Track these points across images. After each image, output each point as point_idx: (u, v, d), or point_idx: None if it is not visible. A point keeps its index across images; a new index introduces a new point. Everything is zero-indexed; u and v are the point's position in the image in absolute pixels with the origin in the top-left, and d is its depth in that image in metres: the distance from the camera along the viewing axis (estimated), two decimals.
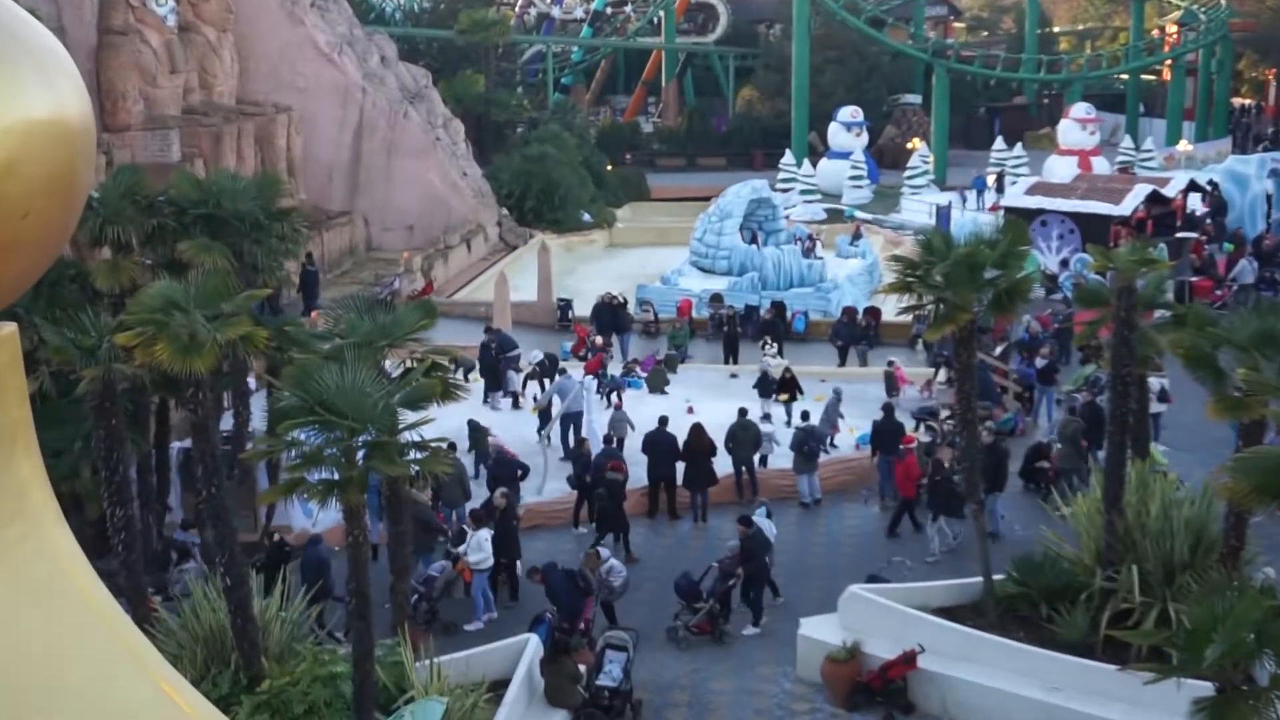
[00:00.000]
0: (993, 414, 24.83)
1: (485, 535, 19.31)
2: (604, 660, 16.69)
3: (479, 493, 22.12)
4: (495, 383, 28.49)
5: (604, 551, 18.91)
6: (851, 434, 26.31)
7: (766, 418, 26.08)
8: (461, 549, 19.39)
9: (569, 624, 17.46)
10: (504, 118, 64.11)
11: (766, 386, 28.27)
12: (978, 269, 16.47)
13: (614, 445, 24.14)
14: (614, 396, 27.44)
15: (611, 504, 21.77)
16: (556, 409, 26.30)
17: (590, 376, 28.18)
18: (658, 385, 29.80)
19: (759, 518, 19.77)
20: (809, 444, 23.91)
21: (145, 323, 13.91)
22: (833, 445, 25.86)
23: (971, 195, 56.16)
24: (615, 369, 30.61)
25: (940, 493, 21.29)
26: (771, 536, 19.60)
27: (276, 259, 21.75)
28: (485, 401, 28.32)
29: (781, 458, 25.07)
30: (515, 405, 28.22)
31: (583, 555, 18.77)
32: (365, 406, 13.15)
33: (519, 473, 22.40)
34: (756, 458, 24.67)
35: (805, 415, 24.72)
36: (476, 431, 24.07)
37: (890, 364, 29.64)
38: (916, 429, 26.13)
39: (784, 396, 27.60)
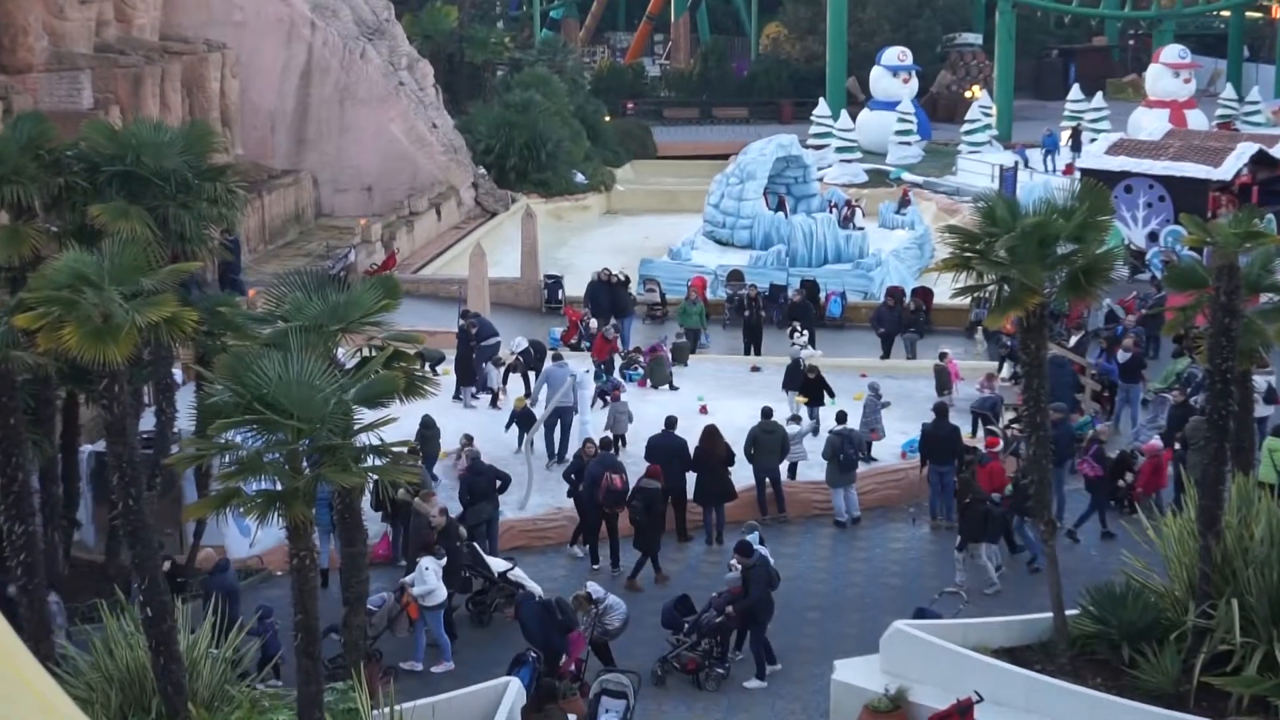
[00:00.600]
0: (1069, 418, 24.81)
1: (430, 563, 19.21)
2: (599, 709, 16.69)
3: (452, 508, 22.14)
4: (469, 376, 28.50)
5: (596, 590, 18.92)
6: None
7: (796, 419, 26.08)
8: (409, 579, 19.34)
9: (548, 666, 17.50)
10: (481, 59, 64.08)
11: (796, 380, 28.28)
12: (1049, 243, 16.44)
13: (611, 449, 24.10)
14: (608, 398, 27.47)
15: (650, 520, 21.85)
16: (543, 404, 26.33)
17: (588, 371, 28.08)
18: (661, 378, 29.77)
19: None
20: (846, 451, 23.92)
21: (50, 302, 13.90)
22: (871, 456, 25.85)
23: (1039, 155, 56.13)
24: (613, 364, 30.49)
25: (972, 516, 21.24)
26: None
27: (208, 226, 21.74)
28: (457, 398, 28.34)
29: (814, 468, 25.09)
30: (495, 404, 28.21)
31: (572, 597, 18.79)
32: (314, 403, 13.14)
33: (497, 484, 22.41)
34: (784, 467, 24.69)
35: (842, 417, 24.70)
36: (429, 429, 24.00)
37: (942, 356, 29.64)
38: (974, 432, 26.12)
39: (803, 399, 27.46)
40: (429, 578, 19.02)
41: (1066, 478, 24.31)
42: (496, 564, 20.41)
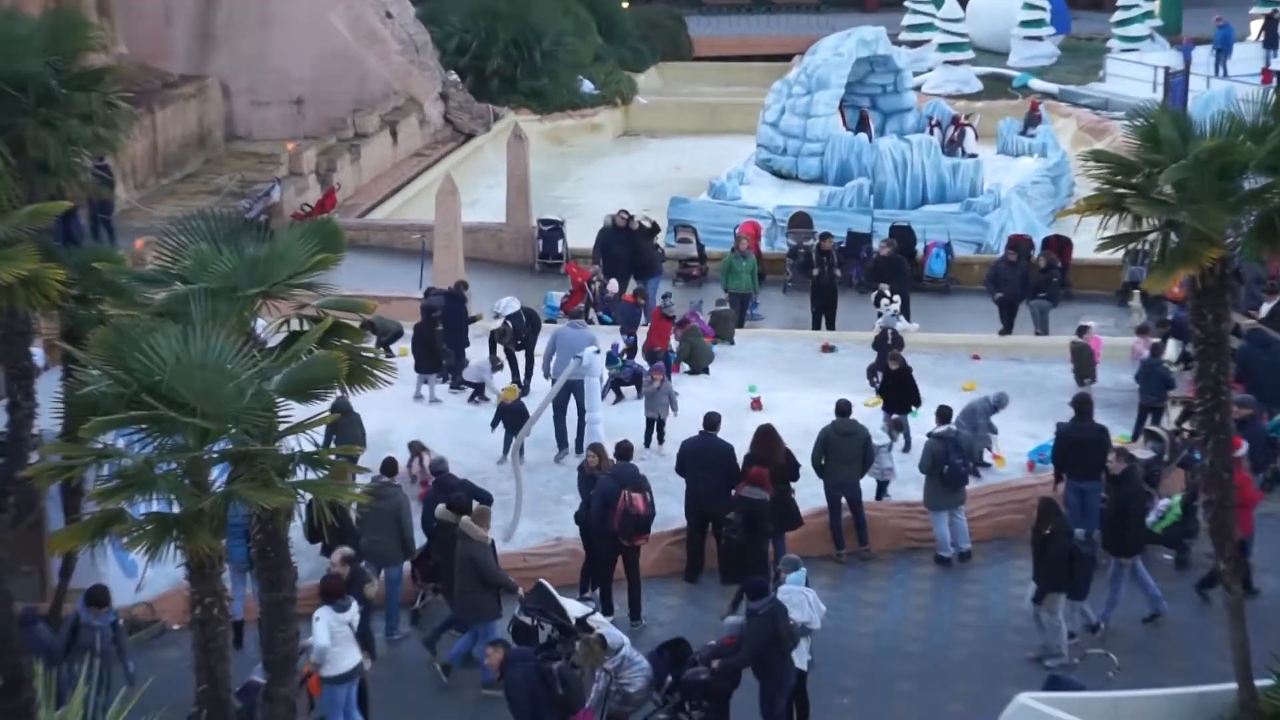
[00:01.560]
0: (1261, 416, 24.68)
1: (326, 615, 19.00)
2: None
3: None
4: (433, 360, 28.50)
5: (613, 636, 18.94)
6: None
7: (898, 425, 25.89)
8: (310, 639, 19.08)
9: None
10: None
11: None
12: (1233, 175, 16.37)
13: (631, 456, 24.01)
14: (621, 390, 27.57)
15: (752, 541, 22.08)
16: (550, 380, 26.53)
17: (598, 351, 27.91)
18: (700, 360, 29.66)
19: (790, 584, 19.70)
20: (951, 462, 23.81)
21: None
22: (984, 463, 25.81)
23: (1208, 55, 55.48)
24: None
25: (1054, 555, 21.08)
26: (814, 616, 19.53)
27: (79, 152, 21.74)
28: (454, 387, 28.46)
29: (907, 484, 25.04)
30: (477, 397, 28.16)
31: (579, 644, 18.79)
32: (223, 394, 13.14)
33: (474, 505, 22.41)
34: (870, 484, 24.67)
35: (945, 414, 24.58)
36: (344, 415, 23.64)
37: (1082, 331, 29.52)
38: (1136, 434, 25.99)
39: (873, 402, 27.23)
40: (319, 632, 18.68)
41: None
42: (574, 607, 20.24)
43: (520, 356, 28.79)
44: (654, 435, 26.27)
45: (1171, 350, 29.43)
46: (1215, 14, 58.80)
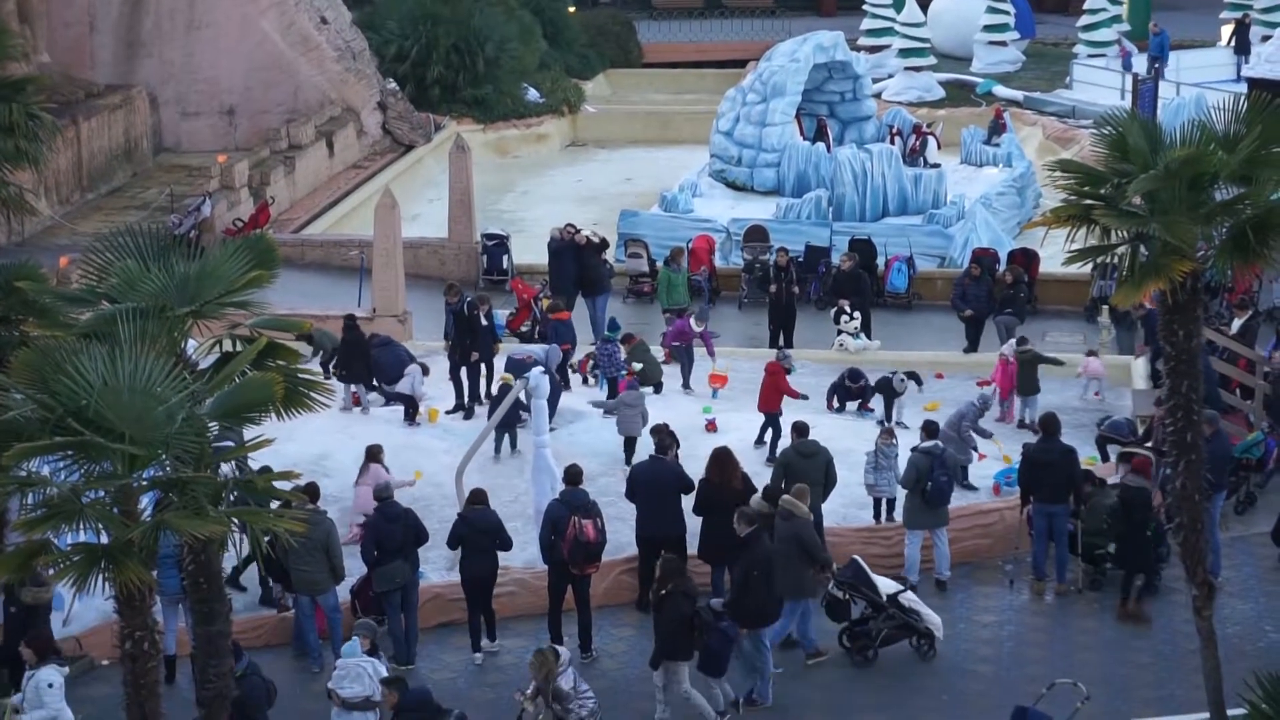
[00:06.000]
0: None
1: (53, 677, 17.96)
2: None
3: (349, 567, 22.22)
4: (361, 370, 28.53)
5: (564, 652, 19.01)
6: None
7: (892, 430, 25.80)
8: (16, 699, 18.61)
9: None
10: None
11: (863, 386, 28.32)
12: (1204, 185, 16.46)
13: (580, 481, 23.98)
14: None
15: (1131, 529, 22.87)
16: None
17: (543, 370, 28.04)
18: (652, 374, 29.74)
19: (346, 657, 19.44)
20: (935, 478, 23.71)
21: None
22: (969, 484, 26.00)
23: (1141, 61, 55.61)
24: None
25: (667, 620, 20.31)
26: (374, 689, 19.06)
27: (2, 166, 21.67)
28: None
29: (867, 506, 25.05)
30: (411, 417, 28.25)
31: (533, 654, 18.88)
32: (153, 418, 13.11)
33: (414, 534, 22.39)
34: (862, 502, 24.78)
35: (931, 428, 24.50)
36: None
37: (1022, 342, 29.59)
38: (1104, 455, 26.03)
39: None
40: (51, 700, 17.78)
41: (1227, 516, 24.29)
42: (886, 585, 21.40)
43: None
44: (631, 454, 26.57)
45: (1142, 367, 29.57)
46: (1182, 17, 59.09)
